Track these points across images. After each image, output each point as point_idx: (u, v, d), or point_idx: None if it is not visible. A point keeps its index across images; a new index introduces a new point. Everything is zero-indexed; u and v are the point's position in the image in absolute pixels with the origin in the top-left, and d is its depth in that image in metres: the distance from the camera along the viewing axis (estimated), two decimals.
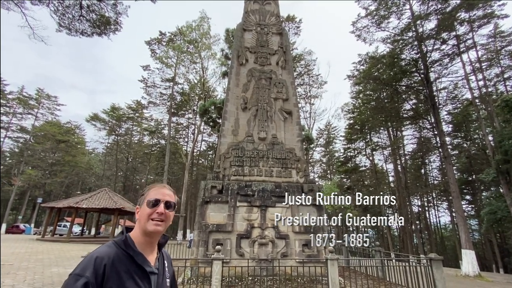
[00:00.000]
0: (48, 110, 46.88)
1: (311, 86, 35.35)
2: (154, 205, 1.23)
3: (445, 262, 29.08)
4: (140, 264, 1.15)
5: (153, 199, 1.24)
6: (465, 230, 15.41)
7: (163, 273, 1.27)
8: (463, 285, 11.70)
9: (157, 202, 1.24)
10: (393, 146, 34.28)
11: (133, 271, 1.12)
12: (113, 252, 1.13)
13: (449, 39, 18.29)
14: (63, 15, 11.94)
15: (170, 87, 38.87)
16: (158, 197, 1.25)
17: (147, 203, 1.24)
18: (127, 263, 1.13)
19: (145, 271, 1.16)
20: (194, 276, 7.98)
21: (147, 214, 1.22)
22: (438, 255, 7.28)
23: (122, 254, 1.14)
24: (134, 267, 1.13)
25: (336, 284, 6.58)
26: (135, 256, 1.16)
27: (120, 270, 1.09)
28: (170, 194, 1.31)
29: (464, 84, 22.71)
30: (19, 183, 37.77)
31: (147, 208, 1.23)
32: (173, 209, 1.30)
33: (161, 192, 1.28)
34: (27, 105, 44.05)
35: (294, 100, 11.56)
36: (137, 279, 1.12)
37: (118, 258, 1.11)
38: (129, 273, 1.11)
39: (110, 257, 1.10)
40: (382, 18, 19.50)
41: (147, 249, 1.23)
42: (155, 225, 1.21)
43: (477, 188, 32.91)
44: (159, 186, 1.32)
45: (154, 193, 1.27)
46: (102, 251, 1.12)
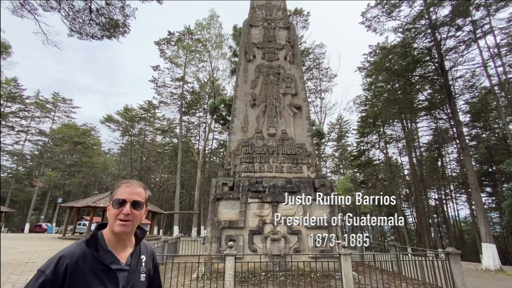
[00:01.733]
0: (64, 113, 48.51)
1: (321, 80, 34.83)
2: (120, 205, 1.20)
3: (465, 256, 28.27)
4: (106, 263, 1.14)
5: (119, 199, 1.21)
6: (485, 223, 14.88)
7: (136, 268, 1.24)
8: (483, 279, 11.34)
9: (123, 202, 1.20)
10: (407, 138, 33.38)
11: (98, 270, 1.12)
12: (79, 251, 1.12)
13: (465, 25, 17.52)
14: (73, 20, 12.23)
15: (180, 87, 39.30)
16: (123, 197, 1.21)
17: (113, 203, 1.21)
18: (92, 262, 1.12)
19: (111, 269, 1.14)
20: (208, 272, 8.10)
21: (114, 215, 1.19)
22: (456, 249, 7.07)
23: (89, 253, 1.14)
24: (100, 265, 1.13)
25: (350, 279, 6.51)
26: (103, 254, 1.15)
27: (85, 269, 1.09)
28: (138, 192, 1.26)
29: (482, 72, 21.72)
30: (40, 184, 39.35)
31: (113, 209, 1.20)
32: (141, 208, 1.25)
33: (127, 191, 1.23)
34: (45, 109, 45.67)
35: (303, 94, 11.43)
36: (102, 277, 1.11)
37: (83, 257, 1.12)
38: (93, 272, 1.10)
39: (74, 256, 1.10)
40: (393, 7, 18.89)
41: (118, 246, 1.22)
42: (121, 225, 1.18)
43: (497, 180, 31.66)
44: (126, 185, 1.27)
45: (120, 192, 1.23)
46: (68, 250, 1.13)
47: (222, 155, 51.08)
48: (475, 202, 16.30)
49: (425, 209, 32.76)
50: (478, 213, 15.67)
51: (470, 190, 19.78)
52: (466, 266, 13.97)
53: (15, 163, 44.56)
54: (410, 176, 36.01)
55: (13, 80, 40.77)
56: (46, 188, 42.53)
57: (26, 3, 11.61)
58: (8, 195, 40.41)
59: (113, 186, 1.28)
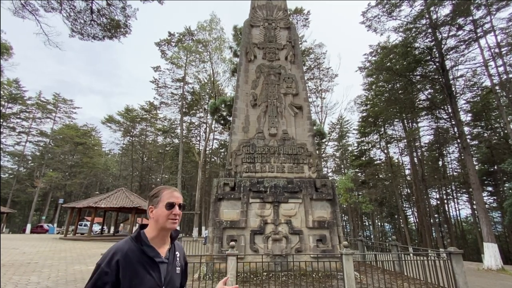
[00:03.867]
0: (65, 114, 48.65)
1: (321, 79, 34.79)
2: (171, 207, 1.45)
3: (466, 256, 28.21)
4: (150, 256, 1.37)
5: (171, 202, 1.46)
6: (487, 222, 14.86)
7: (173, 262, 1.48)
8: (485, 279, 11.31)
9: (173, 205, 1.46)
10: (408, 138, 33.33)
11: (144, 261, 1.35)
12: (127, 246, 1.36)
13: (466, 24, 17.50)
14: (75, 21, 12.26)
15: (180, 87, 39.35)
16: (173, 201, 1.46)
17: (165, 205, 1.45)
18: (139, 255, 1.35)
19: (154, 261, 1.38)
20: (210, 272, 8.11)
21: (165, 215, 1.44)
22: (458, 248, 7.05)
23: (135, 247, 1.37)
24: (146, 258, 1.36)
25: (352, 279, 6.50)
26: (146, 248, 1.38)
27: (133, 261, 1.32)
28: (181, 197, 1.53)
29: (483, 71, 21.70)
30: (41, 185, 39.42)
31: (165, 210, 1.44)
32: (183, 209, 1.54)
33: (175, 195, 1.49)
34: (46, 110, 45.76)
35: (304, 94, 11.43)
36: (147, 267, 1.34)
37: (131, 251, 1.34)
38: (140, 263, 1.34)
39: (124, 250, 1.33)
40: (394, 7, 18.87)
41: (158, 242, 1.45)
42: (172, 223, 1.45)
43: (499, 179, 31.59)
44: (172, 190, 1.52)
45: (168, 197, 1.47)
46: (118, 246, 1.36)
47: (223, 155, 51.08)
48: (476, 201, 16.27)
49: (427, 208, 32.71)
50: (480, 212, 15.65)
51: (471, 189, 19.73)
52: (467, 266, 13.94)
53: (17, 164, 44.67)
54: (411, 176, 35.94)
55: (14, 81, 40.89)
56: (47, 188, 42.61)
57: (27, 3, 11.64)
58: (10, 196, 40.50)
59: (156, 191, 1.53)
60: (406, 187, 43.63)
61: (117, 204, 23.65)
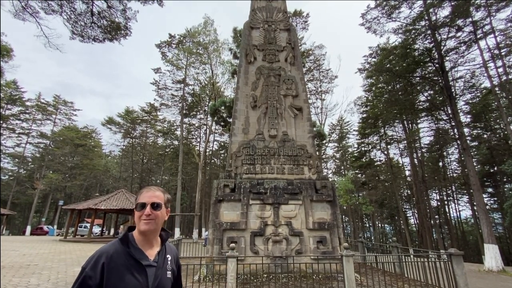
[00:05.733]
0: (65, 116, 48.70)
1: (321, 81, 34.88)
2: (142, 207, 1.40)
3: (467, 257, 28.11)
4: (136, 258, 1.33)
5: (140, 202, 1.42)
6: (488, 223, 14.82)
7: (163, 266, 1.42)
8: (486, 280, 11.28)
9: (144, 205, 1.40)
10: (408, 139, 33.32)
11: (130, 265, 1.31)
12: (113, 249, 1.33)
13: (465, 25, 17.52)
14: (75, 23, 12.29)
15: (181, 89, 39.42)
16: (143, 201, 1.42)
17: (136, 206, 1.43)
18: (124, 258, 1.31)
19: (141, 264, 1.33)
20: (210, 274, 8.09)
21: (138, 217, 1.40)
22: (459, 250, 7.05)
23: (121, 249, 1.33)
24: (132, 261, 1.32)
25: (352, 280, 6.49)
26: (133, 251, 1.35)
27: (118, 264, 1.28)
28: (157, 195, 1.46)
29: (483, 72, 21.71)
30: (41, 187, 39.40)
31: (137, 211, 1.41)
32: (160, 208, 1.45)
33: (147, 195, 1.44)
34: (46, 112, 45.79)
35: (304, 96, 11.45)
36: (133, 271, 1.29)
37: (117, 254, 1.31)
38: (126, 266, 1.29)
39: (109, 253, 1.30)
40: (393, 8, 18.91)
41: (146, 245, 1.41)
42: (145, 224, 1.38)
43: (499, 180, 31.56)
44: (146, 190, 1.48)
45: (141, 197, 1.44)
46: (104, 248, 1.33)
47: (223, 156, 51.09)
48: (477, 203, 16.24)
49: (427, 210, 32.65)
50: (480, 213, 15.61)
51: (471, 190, 19.71)
52: (468, 267, 13.90)
53: (16, 165, 44.67)
54: (412, 177, 35.91)
55: (13, 82, 40.91)
56: (47, 190, 42.59)
57: (28, 6, 11.68)
58: (10, 197, 40.47)
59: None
60: (407, 188, 43.56)
61: (117, 206, 23.63)
